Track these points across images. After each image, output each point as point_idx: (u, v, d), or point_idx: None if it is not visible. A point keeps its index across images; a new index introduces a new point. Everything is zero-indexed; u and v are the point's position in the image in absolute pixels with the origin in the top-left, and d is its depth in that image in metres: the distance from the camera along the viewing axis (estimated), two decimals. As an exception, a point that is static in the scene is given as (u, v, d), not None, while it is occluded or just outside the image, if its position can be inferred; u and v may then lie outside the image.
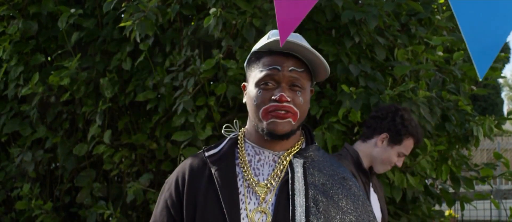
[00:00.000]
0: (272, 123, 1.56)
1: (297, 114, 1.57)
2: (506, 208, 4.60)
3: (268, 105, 1.55)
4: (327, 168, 1.64)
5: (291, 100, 1.56)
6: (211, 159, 1.63)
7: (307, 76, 1.61)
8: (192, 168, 1.65)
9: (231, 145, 1.67)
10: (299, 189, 1.56)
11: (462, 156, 3.60)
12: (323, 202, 1.55)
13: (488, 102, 16.62)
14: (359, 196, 1.63)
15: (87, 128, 3.75)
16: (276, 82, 1.57)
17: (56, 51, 3.80)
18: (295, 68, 1.58)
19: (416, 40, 3.45)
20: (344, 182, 1.63)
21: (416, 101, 3.03)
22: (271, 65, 1.58)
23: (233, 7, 3.20)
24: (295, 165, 1.60)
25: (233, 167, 1.61)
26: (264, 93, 1.57)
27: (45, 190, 4.08)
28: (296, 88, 1.58)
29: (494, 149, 10.73)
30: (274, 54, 1.59)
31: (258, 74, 1.60)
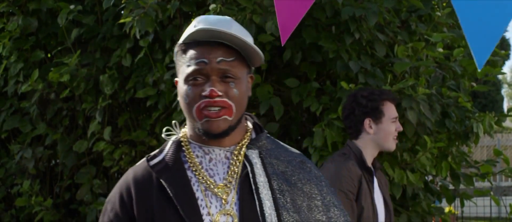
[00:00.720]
0: (206, 122, 1.43)
1: (232, 107, 1.44)
2: (506, 204, 4.61)
3: (199, 102, 1.43)
4: (283, 154, 1.54)
5: (223, 94, 1.43)
6: (156, 168, 1.47)
7: (240, 64, 1.47)
8: (137, 181, 1.48)
9: (176, 149, 1.51)
10: (262, 181, 1.45)
11: (462, 153, 3.60)
12: (289, 191, 1.46)
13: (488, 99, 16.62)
14: (321, 177, 1.55)
15: (87, 124, 3.75)
16: (205, 76, 1.44)
17: (56, 47, 3.80)
18: (224, 58, 1.44)
19: (416, 36, 3.45)
20: (303, 165, 1.54)
21: (416, 98, 3.03)
22: (198, 58, 1.44)
23: (233, 3, 3.19)
24: (251, 157, 1.49)
25: (183, 172, 1.47)
26: (193, 89, 1.44)
27: (45, 187, 4.08)
28: (228, 79, 1.44)
29: (494, 146, 10.73)
30: (200, 45, 1.45)
31: (185, 69, 1.46)
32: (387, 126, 2.63)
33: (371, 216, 2.52)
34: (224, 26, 1.43)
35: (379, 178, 2.71)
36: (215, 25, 1.42)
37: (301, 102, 3.26)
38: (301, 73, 3.44)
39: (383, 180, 2.75)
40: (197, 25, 1.45)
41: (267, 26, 3.05)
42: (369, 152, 2.65)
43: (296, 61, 3.31)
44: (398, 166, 3.20)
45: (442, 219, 3.57)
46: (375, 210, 2.56)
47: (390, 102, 2.68)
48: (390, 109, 2.66)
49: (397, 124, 2.68)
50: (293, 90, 3.27)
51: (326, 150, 3.09)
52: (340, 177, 2.48)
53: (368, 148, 2.64)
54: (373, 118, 2.62)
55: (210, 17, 1.50)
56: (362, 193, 2.51)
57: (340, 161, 2.57)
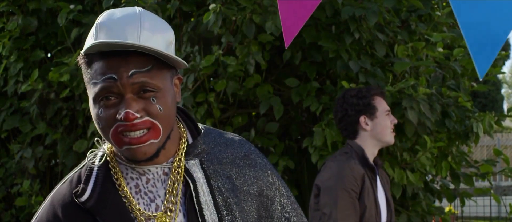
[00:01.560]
0: (127, 150, 1.19)
1: (157, 126, 1.19)
2: (506, 204, 4.61)
3: (115, 126, 1.17)
4: (225, 153, 1.32)
5: (143, 113, 1.18)
6: (88, 205, 1.23)
7: (159, 70, 1.19)
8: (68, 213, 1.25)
9: (106, 174, 1.26)
10: (206, 200, 1.25)
11: (462, 153, 3.60)
12: (236, 202, 1.27)
13: (488, 99, 16.62)
14: (266, 165, 1.35)
15: (87, 124, 3.75)
16: (117, 94, 1.17)
17: (55, 47, 3.80)
18: (137, 69, 1.16)
19: (416, 36, 3.45)
20: (248, 160, 1.33)
21: (416, 98, 3.03)
22: (105, 73, 1.16)
23: (233, 3, 3.19)
24: (193, 170, 1.27)
25: (121, 205, 1.23)
26: (105, 111, 1.17)
27: (45, 187, 4.08)
28: (148, 94, 1.17)
29: (494, 145, 10.73)
30: (106, 56, 1.16)
31: (92, 88, 1.18)
32: (382, 120, 2.63)
33: (373, 214, 2.52)
34: (133, 29, 1.16)
35: (382, 176, 2.70)
36: (122, 31, 1.16)
37: (301, 102, 3.26)
38: (301, 73, 3.44)
39: (385, 178, 2.75)
40: (99, 32, 1.18)
41: (267, 26, 3.05)
42: (369, 150, 2.64)
43: (296, 60, 3.31)
44: (398, 166, 3.20)
45: (442, 219, 3.57)
46: (377, 208, 2.55)
47: (379, 96, 2.69)
48: (381, 103, 2.67)
49: (391, 116, 2.68)
50: (293, 89, 3.27)
51: (326, 149, 3.09)
52: (342, 176, 2.48)
53: (368, 146, 2.63)
54: (368, 115, 2.62)
55: (115, 14, 1.20)
56: (365, 191, 2.50)
57: (343, 160, 2.56)
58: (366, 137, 2.64)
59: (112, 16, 1.20)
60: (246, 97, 3.40)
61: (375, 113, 2.63)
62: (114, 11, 1.21)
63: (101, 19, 1.20)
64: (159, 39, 1.20)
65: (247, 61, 3.14)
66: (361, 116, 2.62)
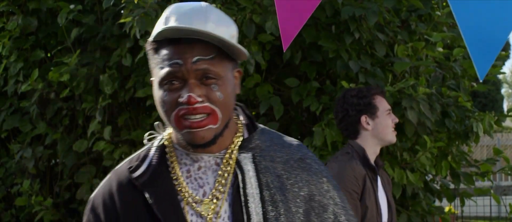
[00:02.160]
0: (187, 133, 1.26)
1: (216, 113, 1.26)
2: (506, 204, 4.61)
3: (177, 109, 1.24)
4: (280, 153, 1.35)
5: (204, 98, 1.24)
6: (140, 181, 1.31)
7: (222, 60, 1.27)
8: (122, 190, 1.33)
9: (161, 157, 1.35)
10: (253, 192, 1.28)
11: (462, 152, 3.61)
12: (282, 200, 1.29)
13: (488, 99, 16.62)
14: (322, 172, 1.37)
15: (87, 124, 3.75)
16: (181, 79, 1.25)
17: (55, 47, 3.80)
18: (201, 57, 1.24)
19: (416, 36, 3.45)
20: (302, 163, 1.35)
21: (416, 98, 3.03)
22: (171, 59, 1.24)
23: (233, 3, 3.19)
24: (244, 162, 1.31)
25: (171, 186, 1.30)
26: (169, 95, 1.25)
27: (45, 187, 4.09)
28: (210, 81, 1.25)
29: (494, 145, 10.73)
30: (173, 43, 1.25)
31: (158, 71, 1.27)
32: (383, 119, 2.62)
33: (375, 215, 2.51)
34: (199, 19, 1.25)
35: (382, 176, 2.69)
36: (189, 20, 1.24)
37: (301, 102, 3.26)
38: (301, 73, 3.44)
39: (386, 179, 2.74)
40: (168, 21, 1.27)
41: (267, 26, 3.05)
42: (371, 150, 2.63)
43: (296, 60, 3.31)
44: (398, 165, 3.20)
45: (442, 219, 3.57)
46: (378, 209, 2.54)
47: (380, 95, 2.68)
48: (382, 102, 2.66)
49: (392, 115, 2.68)
50: (293, 89, 3.27)
51: (326, 149, 3.09)
52: (344, 177, 2.46)
53: (369, 145, 2.62)
54: (369, 114, 2.62)
55: (183, 6, 1.30)
56: (366, 192, 2.49)
57: (344, 160, 2.55)
58: (368, 137, 2.63)
59: (181, 7, 1.29)
60: (246, 97, 3.40)
61: (376, 113, 2.62)
62: (182, 4, 1.30)
63: (170, 9, 1.30)
64: (224, 30, 1.27)
65: (247, 61, 3.14)
66: (362, 116, 2.62)
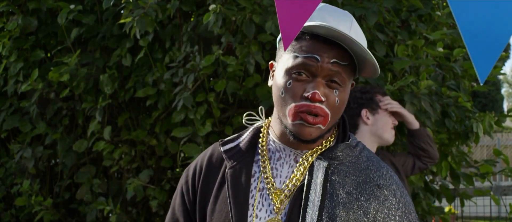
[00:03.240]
0: (299, 125, 1.30)
1: (328, 117, 1.30)
2: (506, 204, 4.61)
3: (298, 103, 1.29)
4: (359, 172, 1.35)
5: (325, 100, 1.29)
6: (227, 154, 1.41)
7: (350, 70, 1.33)
8: (211, 160, 1.44)
9: (253, 138, 1.43)
10: (314, 199, 1.30)
11: (462, 153, 3.60)
12: (342, 217, 1.28)
13: (488, 99, 16.62)
14: (397, 210, 1.33)
15: (87, 124, 3.75)
16: (311, 74, 1.29)
17: (55, 47, 3.80)
18: (338, 60, 1.29)
19: (416, 36, 3.45)
20: (378, 191, 1.33)
21: (417, 94, 3.02)
22: (310, 52, 1.29)
23: (233, 3, 3.19)
24: (316, 168, 1.33)
25: (250, 165, 1.38)
26: (295, 85, 1.29)
27: (45, 187, 4.08)
28: (334, 85, 1.30)
29: (494, 145, 10.73)
30: (315, 39, 1.30)
31: (291, 59, 1.31)
32: (383, 116, 2.65)
33: None
34: (344, 25, 1.31)
35: None
36: (335, 23, 1.29)
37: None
38: (301, 73, 3.44)
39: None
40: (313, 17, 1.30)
41: (267, 26, 3.05)
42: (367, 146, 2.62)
43: (296, 60, 3.30)
44: (398, 165, 3.19)
45: (442, 219, 3.57)
46: None
47: (382, 96, 2.73)
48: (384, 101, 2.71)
49: (392, 117, 2.70)
50: (293, 89, 3.26)
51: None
52: None
53: (366, 142, 2.60)
54: (370, 109, 2.65)
55: (328, 7, 1.36)
56: None
57: None
58: (366, 132, 2.64)
59: (327, 7, 1.36)
60: (246, 97, 3.40)
61: (377, 109, 2.65)
62: (327, 5, 1.37)
63: (322, 6, 1.34)
64: (361, 41, 1.32)
65: (247, 61, 3.14)
66: (363, 109, 2.65)
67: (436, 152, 2.87)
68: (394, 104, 2.75)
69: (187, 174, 1.48)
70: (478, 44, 0.85)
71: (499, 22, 0.86)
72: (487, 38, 0.86)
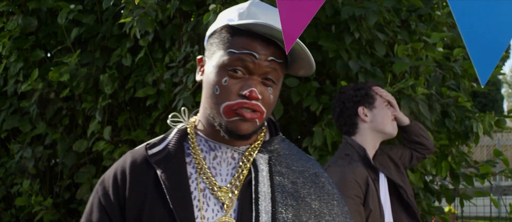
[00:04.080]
0: (235, 122, 1.28)
1: (263, 113, 1.30)
2: (506, 204, 4.61)
3: (235, 102, 1.27)
4: (296, 162, 1.38)
5: (261, 98, 1.28)
6: (155, 158, 1.33)
7: (284, 68, 1.33)
8: (134, 166, 1.35)
9: (179, 140, 1.36)
10: (265, 191, 1.29)
11: (461, 153, 3.60)
12: (293, 206, 1.29)
13: (488, 99, 16.63)
14: (334, 195, 1.38)
15: (87, 124, 3.75)
16: (248, 71, 1.27)
17: (55, 47, 3.80)
18: (275, 58, 1.28)
19: (416, 36, 3.45)
20: (316, 179, 1.37)
21: (415, 98, 3.02)
22: (247, 49, 1.27)
23: (233, 3, 3.19)
24: (259, 162, 1.33)
25: (183, 167, 1.32)
26: (230, 83, 1.27)
27: (45, 186, 4.08)
28: (269, 83, 1.29)
29: (494, 145, 10.73)
30: (252, 36, 1.27)
31: (226, 55, 1.28)
32: (381, 109, 2.54)
33: (378, 217, 2.41)
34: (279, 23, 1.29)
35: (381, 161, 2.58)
36: (273, 21, 1.26)
37: (301, 102, 3.26)
38: (301, 73, 3.44)
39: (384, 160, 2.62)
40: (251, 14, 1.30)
41: (267, 26, 3.04)
42: (371, 145, 2.54)
43: (296, 60, 3.30)
44: (398, 165, 3.19)
45: (442, 219, 3.57)
46: (381, 210, 2.44)
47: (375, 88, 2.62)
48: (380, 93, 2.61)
49: (391, 108, 2.59)
50: (293, 89, 3.26)
51: (326, 149, 3.09)
52: (346, 183, 2.36)
53: (369, 140, 2.53)
54: (366, 104, 2.54)
55: (267, 7, 1.34)
56: (370, 195, 2.39)
57: (344, 164, 2.44)
58: (366, 131, 2.54)
59: (265, 7, 1.34)
60: (246, 97, 3.39)
61: (374, 103, 2.55)
62: (265, 4, 1.35)
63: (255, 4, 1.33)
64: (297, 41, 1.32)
65: (247, 61, 3.14)
66: (360, 107, 2.54)
67: (431, 142, 2.80)
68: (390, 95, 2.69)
69: (104, 186, 1.36)
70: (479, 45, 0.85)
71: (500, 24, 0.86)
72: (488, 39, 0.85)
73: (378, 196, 2.45)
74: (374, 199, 2.41)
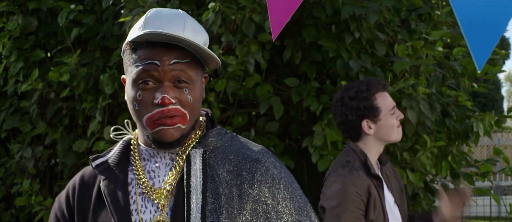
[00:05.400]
0: (159, 132, 1.33)
1: (186, 116, 1.33)
2: (506, 204, 4.61)
3: (152, 113, 1.31)
4: (235, 152, 1.39)
5: (177, 101, 1.32)
6: (99, 168, 1.40)
7: (195, 65, 1.35)
8: (83, 180, 1.44)
9: (123, 150, 1.44)
10: (196, 185, 1.33)
11: (462, 152, 3.60)
12: (226, 194, 1.32)
13: (488, 98, 16.64)
14: (280, 179, 1.38)
15: (87, 124, 3.75)
16: (156, 80, 1.31)
17: (55, 47, 3.80)
18: (178, 60, 1.31)
19: (416, 35, 3.45)
20: (258, 164, 1.37)
21: (416, 97, 3.02)
22: (148, 59, 1.30)
23: (233, 2, 3.19)
24: (193, 156, 1.36)
25: (125, 174, 1.39)
26: (144, 95, 1.31)
27: (45, 186, 4.08)
28: (182, 85, 1.32)
29: (494, 145, 10.73)
30: (152, 46, 1.31)
31: (134, 69, 1.32)
32: (387, 120, 2.38)
33: None
34: (178, 25, 1.33)
35: (388, 173, 2.50)
36: (168, 25, 1.31)
37: (301, 102, 3.26)
38: (301, 73, 3.44)
39: (393, 173, 2.53)
40: (146, 25, 1.34)
41: (266, 25, 3.05)
42: (375, 151, 2.44)
43: (296, 60, 3.30)
44: (398, 165, 3.20)
45: (442, 219, 3.57)
46: (385, 217, 2.35)
47: (381, 91, 2.42)
48: (385, 100, 2.41)
49: (397, 113, 2.43)
50: (293, 89, 3.26)
51: (326, 149, 3.08)
52: (346, 195, 2.26)
53: (372, 148, 2.43)
54: (371, 117, 2.38)
55: (162, 12, 1.38)
56: (371, 204, 2.29)
57: (345, 174, 2.31)
58: (370, 140, 2.42)
59: (160, 12, 1.37)
60: (246, 97, 3.40)
61: (379, 115, 2.38)
62: (161, 10, 1.39)
63: (150, 14, 1.36)
64: (199, 38, 1.36)
65: (247, 60, 3.14)
66: (363, 120, 2.39)
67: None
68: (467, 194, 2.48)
69: (59, 201, 1.46)
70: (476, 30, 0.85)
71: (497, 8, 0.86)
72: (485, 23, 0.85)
73: (382, 203, 2.35)
74: (376, 208, 2.32)
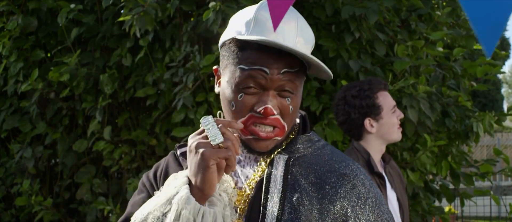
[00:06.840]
0: (251, 141, 1.26)
1: (284, 128, 1.26)
2: (506, 204, 4.61)
3: (248, 115, 1.24)
4: (322, 163, 1.31)
5: (278, 111, 1.24)
6: (182, 157, 1.37)
7: (301, 74, 1.27)
8: (168, 164, 1.39)
9: None
10: (275, 191, 1.26)
11: (462, 152, 3.60)
12: (305, 206, 1.24)
13: (488, 98, 16.63)
14: (367, 199, 1.28)
15: (87, 124, 3.75)
16: (261, 87, 1.23)
17: (55, 47, 3.80)
18: (288, 69, 1.22)
19: (416, 36, 3.45)
20: (344, 180, 1.28)
21: (416, 97, 3.02)
22: (257, 64, 1.21)
23: (233, 1, 3.19)
24: (276, 161, 1.29)
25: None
26: (245, 98, 1.23)
27: (45, 186, 4.08)
28: (286, 94, 1.24)
29: (494, 145, 10.73)
30: (262, 48, 1.21)
31: (237, 71, 1.23)
32: (388, 119, 2.47)
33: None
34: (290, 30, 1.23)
35: (391, 172, 2.54)
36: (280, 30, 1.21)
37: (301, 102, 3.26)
38: (301, 72, 3.44)
39: (396, 173, 2.58)
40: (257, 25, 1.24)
41: (267, 25, 3.04)
42: (377, 150, 2.50)
43: (296, 60, 3.30)
44: (398, 165, 3.19)
45: (442, 219, 3.57)
46: None
47: (383, 91, 2.51)
48: (386, 99, 2.50)
49: (397, 112, 2.51)
50: (293, 89, 3.26)
51: (326, 149, 3.08)
52: None
53: (374, 147, 2.49)
54: (373, 116, 2.46)
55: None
56: None
57: None
58: (372, 139, 2.49)
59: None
60: (246, 97, 3.39)
61: (381, 113, 2.46)
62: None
63: (260, 11, 1.25)
64: (309, 46, 1.28)
65: (247, 60, 3.14)
66: (366, 119, 2.46)
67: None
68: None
69: (147, 175, 1.42)
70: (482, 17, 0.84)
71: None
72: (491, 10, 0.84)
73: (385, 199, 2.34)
74: None
